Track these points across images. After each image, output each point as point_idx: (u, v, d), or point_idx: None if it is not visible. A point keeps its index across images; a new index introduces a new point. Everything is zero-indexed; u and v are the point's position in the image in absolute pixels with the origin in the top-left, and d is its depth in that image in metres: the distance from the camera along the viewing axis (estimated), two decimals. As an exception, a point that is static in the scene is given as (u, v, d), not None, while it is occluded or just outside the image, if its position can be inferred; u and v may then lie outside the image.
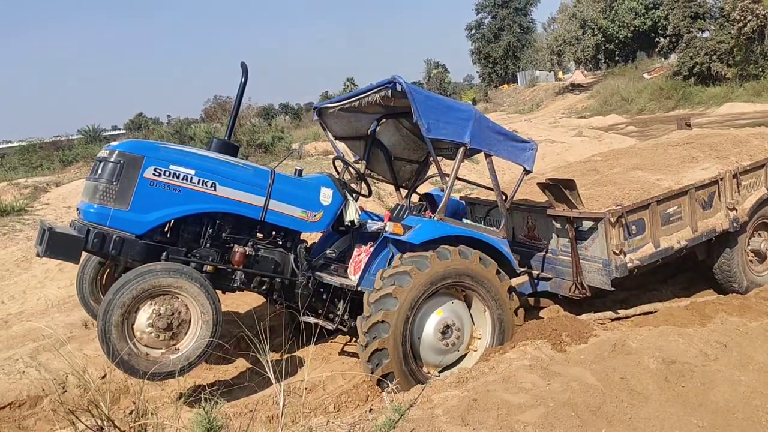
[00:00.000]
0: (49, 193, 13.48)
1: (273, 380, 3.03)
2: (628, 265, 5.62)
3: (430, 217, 5.44)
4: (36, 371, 5.62)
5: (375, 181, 7.38)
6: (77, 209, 5.21)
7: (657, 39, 48.03)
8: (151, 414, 3.41)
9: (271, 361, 3.17)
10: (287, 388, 4.97)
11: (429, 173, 7.18)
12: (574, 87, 51.67)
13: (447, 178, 5.38)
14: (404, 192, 7.12)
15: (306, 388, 4.97)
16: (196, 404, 2.83)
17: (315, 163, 15.62)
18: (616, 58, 50.76)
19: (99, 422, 2.80)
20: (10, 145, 50.09)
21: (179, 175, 4.98)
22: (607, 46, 50.25)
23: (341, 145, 6.85)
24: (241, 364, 5.78)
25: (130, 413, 4.35)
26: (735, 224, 6.27)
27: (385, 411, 3.83)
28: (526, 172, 5.77)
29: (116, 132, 50.10)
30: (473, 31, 67.54)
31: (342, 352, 6.17)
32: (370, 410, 4.33)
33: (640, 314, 6.30)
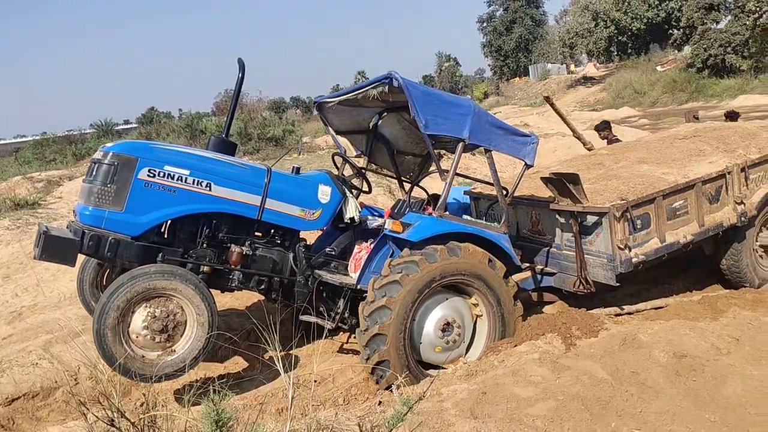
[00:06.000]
0: (62, 187, 13.57)
1: (282, 372, 3.03)
2: (633, 260, 5.57)
3: (430, 213, 5.42)
4: (49, 363, 5.68)
5: (385, 176, 7.35)
6: (74, 211, 5.22)
7: (670, 31, 47.57)
8: (161, 406, 3.43)
9: (281, 355, 3.17)
10: (296, 381, 4.99)
11: (432, 167, 7.16)
12: (587, 80, 51.32)
13: (446, 174, 5.34)
14: (407, 186, 7.08)
15: (315, 381, 4.98)
16: (206, 396, 2.83)
17: (326, 156, 15.61)
18: (629, 51, 50.30)
19: (110, 414, 2.81)
20: (24, 139, 50.52)
21: (174, 175, 4.96)
22: (619, 38, 49.77)
23: (343, 140, 6.83)
24: (250, 357, 5.80)
25: (141, 405, 4.38)
26: (743, 218, 6.20)
27: (393, 404, 3.83)
28: (527, 166, 5.73)
29: (128, 126, 50.26)
30: (485, 24, 67.27)
31: (350, 347, 6.18)
32: (379, 403, 4.35)
33: (651, 309, 6.27)
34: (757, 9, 32.98)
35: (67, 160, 23.94)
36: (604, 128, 10.36)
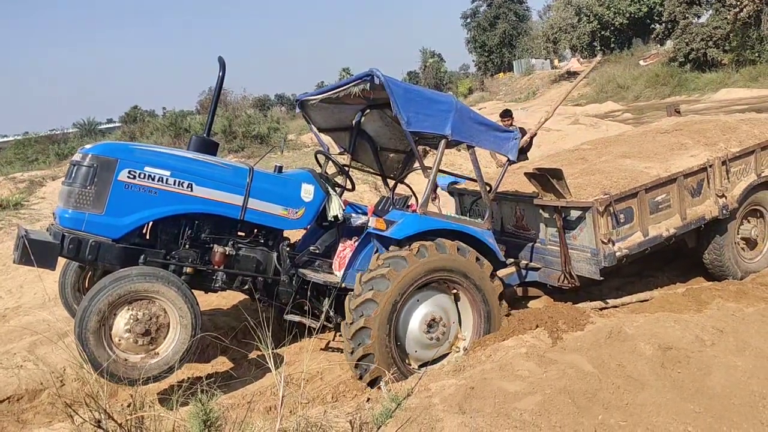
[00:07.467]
0: (45, 187, 13.46)
1: (273, 370, 3.02)
2: (617, 254, 5.62)
3: (414, 210, 5.42)
4: (34, 365, 5.63)
5: (369, 173, 7.35)
6: (53, 214, 5.15)
7: (653, 25, 47.85)
8: (149, 406, 3.41)
9: (270, 352, 3.17)
10: (285, 379, 4.98)
11: (416, 164, 7.15)
12: (570, 75, 51.48)
13: (429, 171, 5.33)
14: (391, 183, 7.07)
15: (304, 379, 4.98)
16: (193, 396, 2.82)
17: (312, 154, 15.58)
18: (612, 45, 50.62)
19: (96, 415, 2.79)
20: (6, 139, 49.99)
21: (154, 176, 4.91)
22: (602, 33, 50.07)
23: (326, 138, 6.79)
24: (239, 356, 5.79)
25: (128, 406, 4.35)
26: (724, 211, 6.25)
27: (382, 400, 3.83)
28: (510, 162, 5.74)
29: (112, 125, 49.89)
30: (469, 20, 67.37)
31: (337, 344, 6.17)
32: (368, 400, 4.36)
33: (636, 302, 6.32)
34: (738, 3, 33.26)
35: (49, 160, 23.76)
36: (506, 117, 10.41)
